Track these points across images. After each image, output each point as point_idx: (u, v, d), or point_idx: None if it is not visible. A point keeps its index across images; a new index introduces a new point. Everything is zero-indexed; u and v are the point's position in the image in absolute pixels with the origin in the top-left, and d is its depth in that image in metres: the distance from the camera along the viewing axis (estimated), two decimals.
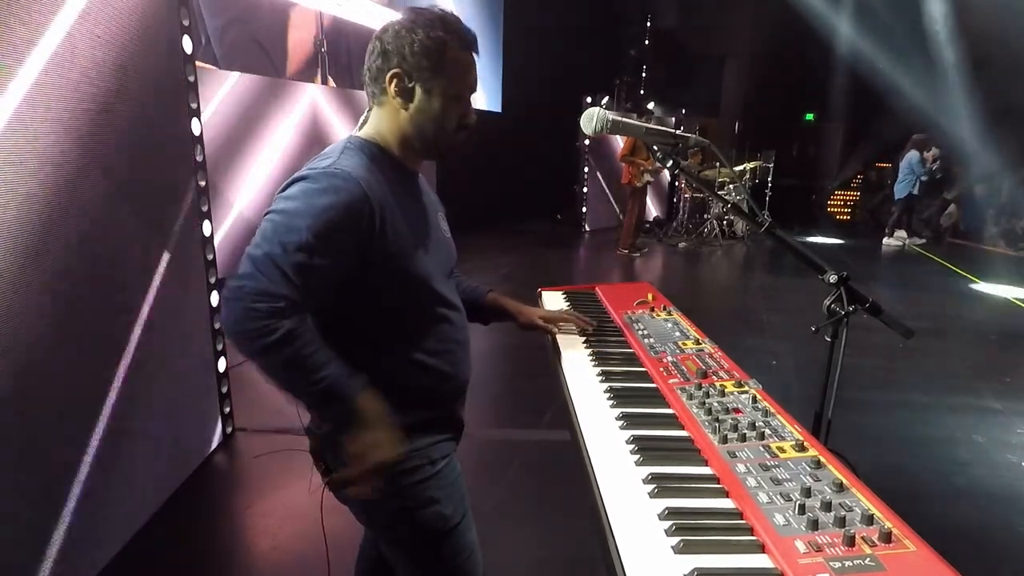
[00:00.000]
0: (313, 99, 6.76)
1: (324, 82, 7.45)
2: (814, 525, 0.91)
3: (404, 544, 1.36)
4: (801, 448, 1.13)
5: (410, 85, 1.25)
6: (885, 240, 10.37)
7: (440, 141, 1.30)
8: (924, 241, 10.59)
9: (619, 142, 8.53)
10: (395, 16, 1.28)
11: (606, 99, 10.04)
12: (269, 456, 3.00)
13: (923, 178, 10.05)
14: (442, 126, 1.28)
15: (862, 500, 0.97)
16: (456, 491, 1.36)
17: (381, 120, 1.31)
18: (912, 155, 10.00)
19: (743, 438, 1.16)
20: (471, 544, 1.38)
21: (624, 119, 1.48)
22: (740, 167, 10.19)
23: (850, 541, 0.87)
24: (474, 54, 1.29)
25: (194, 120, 2.74)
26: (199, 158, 2.78)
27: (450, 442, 1.39)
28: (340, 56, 7.48)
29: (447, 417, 1.39)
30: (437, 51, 1.23)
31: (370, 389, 1.19)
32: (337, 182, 1.16)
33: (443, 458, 1.34)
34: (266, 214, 1.18)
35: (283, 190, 1.20)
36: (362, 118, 1.35)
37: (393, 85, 1.24)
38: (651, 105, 10.29)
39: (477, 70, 1.31)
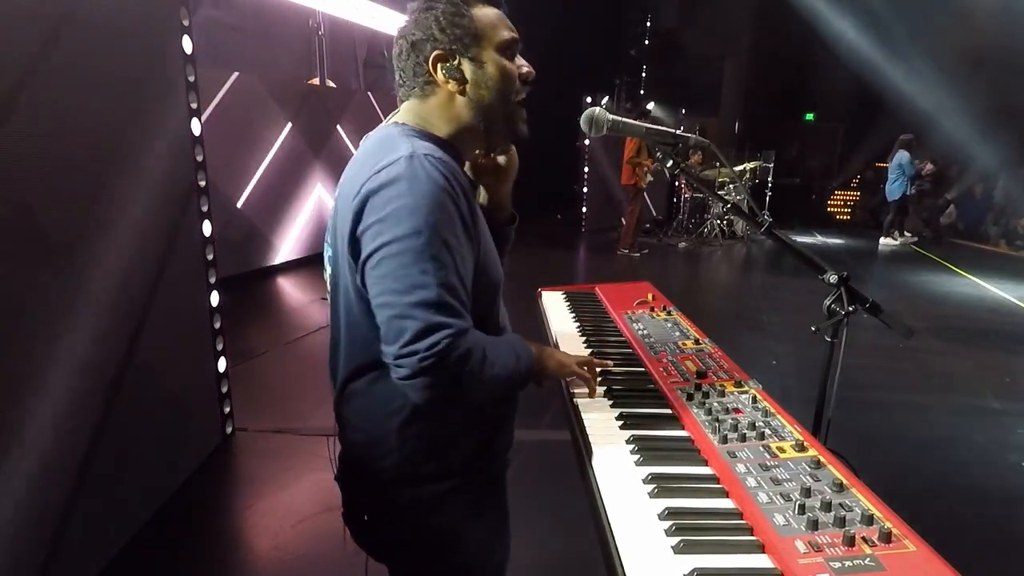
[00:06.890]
0: (313, 97, 6.75)
1: (322, 82, 7.45)
2: (814, 525, 0.91)
3: None
4: (801, 448, 1.13)
5: (456, 63, 1.11)
6: (882, 240, 10.35)
7: (510, 111, 1.17)
8: (916, 239, 10.55)
9: (619, 142, 8.52)
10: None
11: (606, 99, 10.04)
12: (269, 456, 3.00)
13: (912, 177, 9.88)
14: (507, 93, 1.15)
15: (862, 500, 0.97)
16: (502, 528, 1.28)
17: (431, 114, 1.14)
18: (902, 155, 9.79)
19: (743, 438, 1.16)
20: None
21: (624, 119, 1.48)
22: (740, 167, 10.20)
23: (850, 541, 0.87)
24: (496, 8, 1.15)
25: (194, 120, 2.74)
26: (199, 158, 2.79)
27: (502, 469, 1.29)
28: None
29: (503, 438, 1.27)
30: (463, 15, 1.11)
31: (533, 346, 1.25)
32: (427, 165, 1.00)
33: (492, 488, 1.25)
34: (376, 249, 0.99)
35: (361, 208, 1.00)
36: (390, 117, 1.21)
37: (440, 70, 1.11)
38: (651, 105, 10.30)
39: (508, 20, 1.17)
